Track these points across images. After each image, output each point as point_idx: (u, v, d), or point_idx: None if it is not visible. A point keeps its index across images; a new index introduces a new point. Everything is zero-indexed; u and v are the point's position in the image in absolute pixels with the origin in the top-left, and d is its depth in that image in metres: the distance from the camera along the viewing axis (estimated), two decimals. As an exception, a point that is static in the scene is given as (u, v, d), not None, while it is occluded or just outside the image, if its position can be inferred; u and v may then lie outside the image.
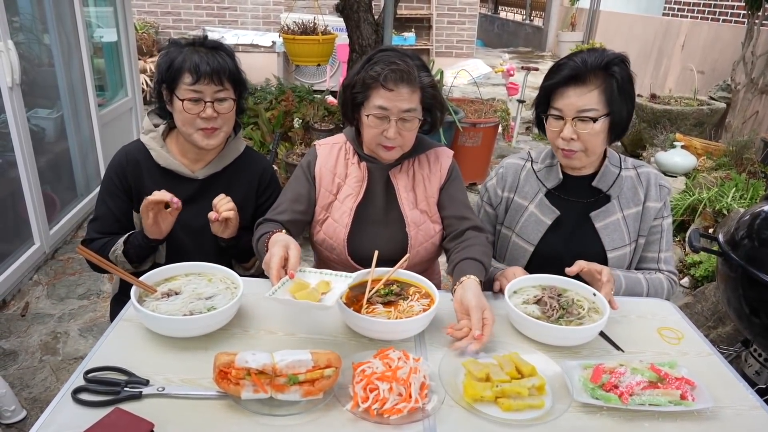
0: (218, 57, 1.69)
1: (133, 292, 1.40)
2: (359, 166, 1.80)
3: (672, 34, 7.36)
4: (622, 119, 1.70)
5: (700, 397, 1.25)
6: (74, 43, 3.94)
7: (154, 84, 1.75)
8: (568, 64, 1.68)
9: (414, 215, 1.79)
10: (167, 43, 1.76)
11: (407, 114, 1.65)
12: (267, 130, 3.83)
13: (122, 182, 1.79)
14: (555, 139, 1.73)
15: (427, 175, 1.83)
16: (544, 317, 1.49)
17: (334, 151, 1.84)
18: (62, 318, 2.94)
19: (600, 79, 1.65)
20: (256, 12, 8.50)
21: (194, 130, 1.71)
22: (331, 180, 1.80)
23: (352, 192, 1.79)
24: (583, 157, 1.73)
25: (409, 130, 1.67)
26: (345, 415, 1.18)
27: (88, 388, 1.20)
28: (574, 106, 1.65)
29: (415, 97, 1.65)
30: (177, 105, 1.69)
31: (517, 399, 1.23)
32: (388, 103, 1.62)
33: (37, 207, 3.30)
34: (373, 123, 1.66)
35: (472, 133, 4.53)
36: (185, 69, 1.66)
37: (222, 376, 1.17)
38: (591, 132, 1.66)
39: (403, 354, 1.27)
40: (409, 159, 1.82)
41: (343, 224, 1.77)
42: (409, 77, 1.63)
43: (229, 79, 1.71)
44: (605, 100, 1.65)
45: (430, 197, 1.82)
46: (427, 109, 1.72)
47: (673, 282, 1.88)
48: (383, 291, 1.52)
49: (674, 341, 1.52)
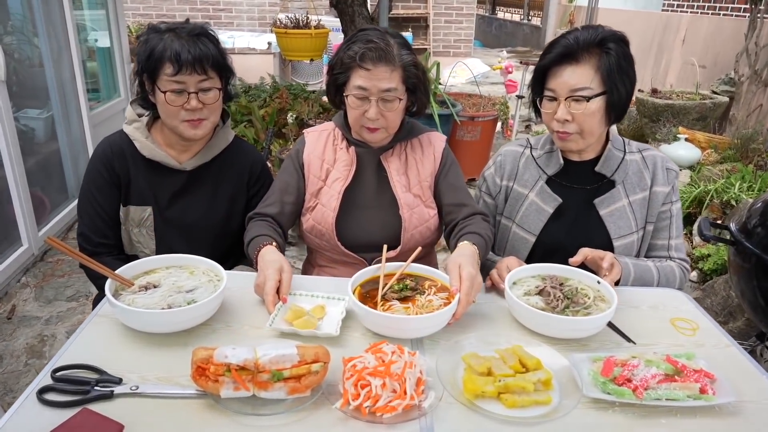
0: (200, 44, 1.58)
1: (108, 285, 1.30)
2: (348, 151, 1.74)
3: (672, 29, 7.28)
4: (621, 99, 1.61)
5: (720, 390, 1.15)
6: (64, 44, 3.89)
7: (135, 73, 1.65)
8: (560, 42, 1.60)
9: (407, 198, 1.73)
10: (146, 28, 1.66)
11: (387, 94, 1.58)
12: (261, 127, 3.74)
13: (110, 174, 1.69)
14: (550, 122, 1.65)
15: (420, 158, 1.77)
16: (549, 308, 1.39)
17: (323, 137, 1.79)
18: (50, 321, 2.84)
19: (594, 57, 1.57)
20: (252, 13, 8.44)
21: (179, 121, 1.62)
22: (319, 166, 1.75)
23: (340, 176, 1.73)
24: (579, 140, 1.64)
25: (390, 110, 1.61)
26: (334, 414, 1.09)
27: (55, 387, 1.11)
28: (567, 85, 1.57)
29: (395, 76, 1.59)
30: (159, 97, 1.59)
31: (522, 394, 1.13)
32: (367, 83, 1.57)
33: (24, 208, 3.21)
34: (353, 104, 1.61)
35: (471, 127, 4.44)
36: (166, 58, 1.55)
37: (200, 372, 1.08)
38: (585, 112, 1.58)
39: (397, 348, 1.17)
40: (402, 143, 1.77)
41: (331, 208, 1.71)
42: (387, 55, 1.56)
43: (213, 67, 1.61)
44: (600, 79, 1.57)
45: (423, 181, 1.76)
46: (411, 89, 1.65)
47: (686, 270, 1.78)
48: (397, 286, 1.44)
49: (689, 332, 1.42)
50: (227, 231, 1.81)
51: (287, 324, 1.32)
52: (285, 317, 1.35)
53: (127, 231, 1.72)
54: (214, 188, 1.77)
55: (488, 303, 1.51)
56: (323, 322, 1.37)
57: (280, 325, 1.32)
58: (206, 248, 1.69)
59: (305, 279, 1.67)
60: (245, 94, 4.33)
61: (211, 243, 1.75)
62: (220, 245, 1.79)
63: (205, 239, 1.75)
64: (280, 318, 1.35)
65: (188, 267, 1.45)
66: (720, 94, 5.63)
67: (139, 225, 1.71)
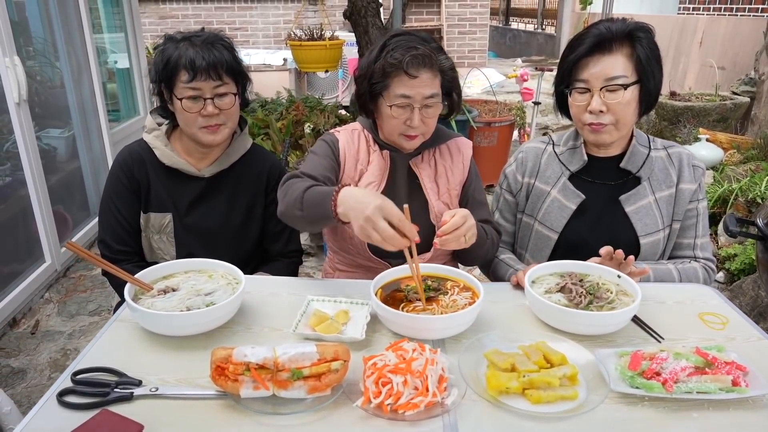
0: (215, 50, 1.60)
1: (127, 289, 1.31)
2: (381, 154, 1.70)
3: (689, 32, 7.21)
4: (654, 88, 1.60)
5: (754, 383, 1.11)
6: (85, 66, 3.99)
7: (153, 83, 1.67)
8: (591, 32, 1.58)
9: (439, 205, 1.72)
10: (162, 39, 1.68)
11: (430, 100, 1.57)
12: (278, 139, 3.77)
13: (130, 181, 1.71)
14: (581, 114, 1.62)
15: (449, 166, 1.76)
16: (572, 305, 1.36)
17: (354, 136, 1.74)
18: (72, 335, 2.86)
19: (626, 46, 1.55)
20: (267, 32, 8.55)
21: (197, 128, 1.63)
22: (353, 166, 1.70)
23: (374, 180, 1.68)
24: (614, 131, 1.61)
25: (431, 116, 1.60)
26: (356, 413, 1.07)
27: (75, 390, 1.10)
28: (602, 75, 1.55)
29: (436, 82, 1.58)
30: (177, 105, 1.62)
31: (548, 390, 1.10)
32: (411, 91, 1.54)
33: (47, 225, 3.26)
34: (396, 113, 1.57)
35: (488, 133, 4.42)
36: (181, 66, 1.58)
37: (219, 372, 1.07)
38: (622, 101, 1.55)
39: (418, 345, 1.15)
40: (430, 149, 1.75)
41: None
42: (431, 62, 1.54)
43: (228, 73, 1.63)
44: (633, 67, 1.55)
45: (452, 190, 1.75)
46: (447, 92, 1.65)
47: (711, 270, 1.73)
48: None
49: (719, 326, 1.38)
50: (246, 237, 1.81)
51: (311, 329, 1.31)
52: (309, 322, 1.34)
53: (147, 238, 1.73)
54: (232, 195, 1.77)
55: (509, 302, 1.48)
56: (348, 326, 1.35)
57: (304, 330, 1.31)
58: (226, 254, 1.68)
59: (327, 283, 1.65)
60: (262, 108, 4.37)
61: (231, 249, 1.75)
62: (240, 251, 1.79)
63: (224, 245, 1.75)
64: (304, 323, 1.34)
65: (207, 271, 1.45)
66: (740, 94, 5.54)
67: (159, 232, 1.72)
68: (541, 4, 13.90)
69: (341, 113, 4.27)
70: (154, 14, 8.45)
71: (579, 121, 1.64)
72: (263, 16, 8.54)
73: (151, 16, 8.41)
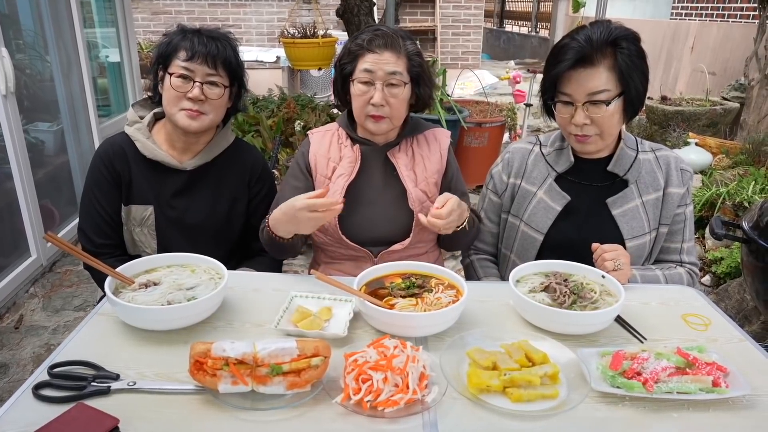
0: (218, 43, 1.64)
1: (108, 283, 1.29)
2: (353, 149, 1.73)
3: (681, 37, 7.25)
4: (638, 95, 1.58)
5: (734, 383, 1.11)
6: (74, 60, 3.96)
7: (152, 64, 1.69)
8: (571, 45, 1.55)
9: (417, 193, 1.73)
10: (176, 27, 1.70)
11: (393, 77, 1.60)
12: (268, 136, 3.75)
13: (111, 173, 1.70)
14: (567, 125, 1.61)
15: (426, 155, 1.77)
16: (556, 304, 1.36)
17: (327, 136, 1.78)
18: (57, 330, 2.84)
19: (609, 57, 1.53)
20: (261, 29, 8.53)
21: (178, 109, 1.62)
22: (325, 164, 1.74)
23: (344, 172, 1.72)
24: (599, 141, 1.61)
25: (395, 96, 1.62)
26: (335, 409, 1.06)
27: (51, 383, 1.09)
28: (584, 90, 1.54)
29: (400, 63, 1.62)
30: (166, 81, 1.62)
31: (528, 388, 1.10)
32: (373, 66, 1.60)
33: (33, 219, 3.23)
34: (359, 90, 1.62)
35: (478, 133, 4.41)
36: (181, 46, 1.61)
37: (197, 367, 1.06)
38: (605, 115, 1.54)
39: (400, 343, 1.15)
40: (408, 138, 1.77)
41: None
42: (393, 42, 1.62)
43: (224, 66, 1.64)
44: (616, 79, 1.54)
45: (429, 177, 1.76)
46: (415, 80, 1.67)
47: (695, 274, 1.75)
48: (404, 284, 1.42)
49: (701, 327, 1.39)
50: (229, 232, 1.80)
51: (293, 325, 1.30)
52: (291, 318, 1.33)
53: (129, 231, 1.72)
54: (215, 188, 1.76)
55: (493, 301, 1.48)
56: (330, 323, 1.34)
57: (286, 326, 1.30)
58: (208, 249, 1.67)
59: (312, 279, 1.64)
60: (253, 105, 4.35)
61: (213, 244, 1.74)
62: (222, 246, 1.78)
63: (206, 240, 1.74)
64: (286, 319, 1.33)
65: (189, 265, 1.44)
66: (730, 100, 5.57)
67: (140, 224, 1.71)
68: (535, 7, 13.94)
69: (333, 111, 4.26)
70: (147, 10, 8.41)
71: (565, 130, 1.65)
72: (257, 13, 8.53)
73: (143, 11, 8.38)
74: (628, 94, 1.56)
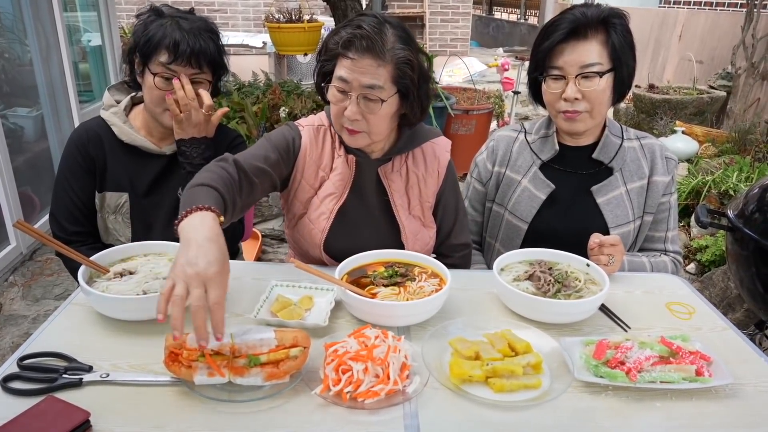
0: (201, 39, 1.54)
1: (82, 272, 1.26)
2: (346, 160, 1.52)
3: (669, 25, 7.24)
4: (628, 76, 1.58)
5: (717, 372, 1.11)
6: (54, 44, 3.88)
7: (127, 51, 1.60)
8: (565, 17, 1.54)
9: (410, 224, 1.57)
10: (148, 7, 1.60)
11: (369, 91, 1.34)
12: (253, 123, 3.70)
13: (85, 159, 1.64)
14: (556, 102, 1.59)
15: (422, 175, 1.58)
16: (540, 293, 1.34)
17: (320, 135, 1.55)
18: (37, 319, 2.79)
19: (601, 33, 1.53)
20: (247, 14, 8.41)
21: (162, 110, 1.58)
22: (314, 172, 1.54)
23: (335, 191, 1.53)
24: (588, 119, 1.59)
25: (372, 112, 1.37)
26: (314, 400, 1.04)
27: (21, 375, 1.06)
28: (577, 62, 1.52)
29: (382, 73, 1.34)
30: (148, 80, 1.55)
31: (511, 378, 1.09)
32: (349, 75, 1.34)
33: (12, 206, 3.17)
34: (334, 98, 1.40)
35: (465, 121, 4.39)
36: (163, 46, 1.51)
37: (172, 358, 1.03)
38: (597, 89, 1.53)
39: (381, 332, 1.12)
40: (402, 154, 1.56)
41: (320, 228, 1.53)
42: (375, 46, 1.31)
43: (209, 64, 1.58)
44: (608, 54, 1.53)
45: (424, 201, 1.60)
46: (403, 93, 1.39)
47: (678, 263, 1.75)
48: (387, 273, 1.39)
49: (685, 316, 1.38)
50: None
51: (273, 315, 1.27)
52: (271, 308, 1.30)
53: (102, 218, 1.67)
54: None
55: (477, 290, 1.46)
56: (311, 312, 1.32)
57: (266, 315, 1.27)
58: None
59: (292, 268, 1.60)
60: (238, 91, 4.29)
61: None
62: None
63: None
64: (266, 309, 1.30)
65: (166, 254, 1.40)
66: (717, 88, 5.59)
67: (114, 212, 1.66)
68: (524, -6, 13.88)
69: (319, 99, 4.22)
70: (131, -7, 8.25)
71: (553, 108, 1.62)
72: (243, -2, 8.39)
73: (127, -5, 8.22)
74: (619, 71, 1.55)
